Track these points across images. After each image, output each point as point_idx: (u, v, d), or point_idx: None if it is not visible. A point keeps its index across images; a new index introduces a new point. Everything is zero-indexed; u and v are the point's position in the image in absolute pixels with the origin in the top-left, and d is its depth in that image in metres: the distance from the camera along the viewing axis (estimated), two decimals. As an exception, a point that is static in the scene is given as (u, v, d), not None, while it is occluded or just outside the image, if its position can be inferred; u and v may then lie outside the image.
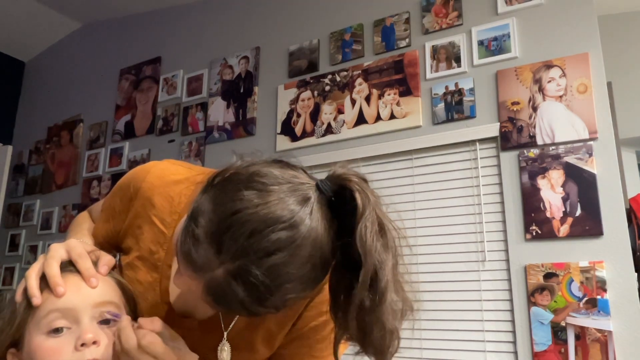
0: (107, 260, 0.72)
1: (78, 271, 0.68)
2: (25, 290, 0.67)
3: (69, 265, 0.69)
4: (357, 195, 0.58)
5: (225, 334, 0.75)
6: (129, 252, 0.81)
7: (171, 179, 0.80)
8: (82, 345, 0.62)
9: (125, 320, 0.66)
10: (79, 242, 0.73)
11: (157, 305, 0.77)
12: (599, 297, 1.67)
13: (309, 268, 0.57)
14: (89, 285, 0.67)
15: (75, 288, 0.66)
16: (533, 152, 1.88)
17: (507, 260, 1.87)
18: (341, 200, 0.59)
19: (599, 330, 1.65)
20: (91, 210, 0.96)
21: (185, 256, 0.58)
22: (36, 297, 0.65)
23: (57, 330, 0.63)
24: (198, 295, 0.59)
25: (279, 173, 0.59)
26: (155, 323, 0.67)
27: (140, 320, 0.67)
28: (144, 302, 0.76)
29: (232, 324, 0.75)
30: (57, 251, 0.70)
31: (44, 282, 0.66)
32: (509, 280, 1.85)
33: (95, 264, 0.71)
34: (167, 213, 0.78)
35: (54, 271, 0.66)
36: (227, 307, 0.58)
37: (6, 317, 0.66)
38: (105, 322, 0.66)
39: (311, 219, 0.56)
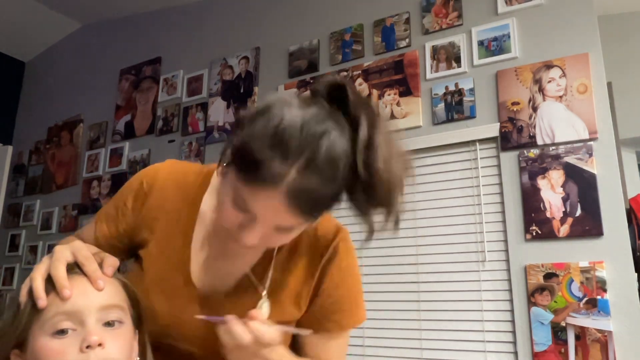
0: (111, 261, 0.72)
1: (84, 273, 0.68)
2: (30, 292, 0.66)
3: (74, 268, 0.69)
4: (350, 91, 0.69)
5: (264, 291, 0.81)
6: (146, 244, 0.84)
7: (181, 173, 0.87)
8: (88, 347, 0.62)
9: (232, 318, 0.70)
10: (83, 245, 0.73)
11: (180, 288, 0.81)
12: (599, 297, 1.67)
13: (345, 143, 0.67)
14: (95, 287, 0.67)
15: (81, 291, 0.66)
16: (533, 152, 1.88)
17: (507, 261, 1.87)
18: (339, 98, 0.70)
19: (599, 331, 1.65)
20: (79, 234, 0.94)
21: (257, 179, 0.64)
22: (42, 299, 0.64)
23: (62, 332, 0.63)
24: (276, 215, 0.66)
25: (292, 94, 0.75)
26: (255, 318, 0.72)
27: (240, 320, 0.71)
28: (167, 285, 0.80)
29: (267, 282, 0.81)
30: (63, 253, 0.70)
31: (49, 284, 0.66)
32: (509, 280, 1.85)
33: (100, 265, 0.71)
34: (182, 203, 0.84)
35: (60, 273, 0.66)
36: (311, 202, 0.65)
37: (9, 319, 0.66)
38: (109, 324, 0.66)
39: (330, 117, 0.68)
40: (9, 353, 0.66)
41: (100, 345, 0.63)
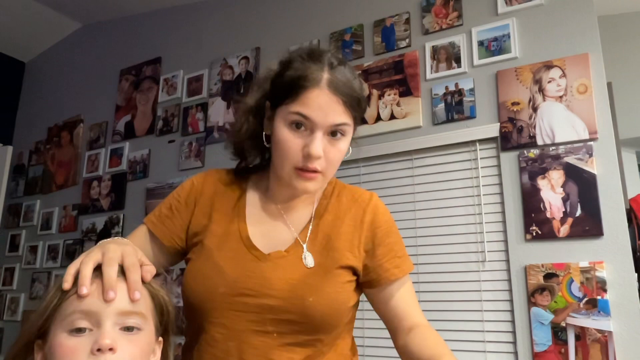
0: (151, 269, 0.73)
1: (124, 279, 0.68)
2: (76, 274, 0.67)
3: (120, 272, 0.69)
4: None
5: (304, 245, 0.92)
6: (206, 227, 0.94)
7: (222, 172, 1.02)
8: (98, 350, 0.61)
9: None
10: (133, 251, 0.74)
11: (245, 253, 0.90)
12: (599, 297, 1.67)
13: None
14: (131, 297, 0.67)
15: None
16: (533, 153, 1.88)
17: (507, 261, 1.87)
18: None
19: (599, 331, 1.65)
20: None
21: (305, 84, 0.84)
22: (86, 286, 0.65)
23: (79, 330, 0.63)
24: (328, 110, 0.84)
25: None
26: None
27: None
28: (233, 252, 0.90)
29: (308, 235, 0.93)
30: (116, 253, 0.71)
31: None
32: (509, 280, 1.85)
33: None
34: (231, 191, 0.98)
35: (112, 273, 0.67)
36: (348, 88, 0.86)
37: (41, 307, 0.66)
38: (128, 329, 0.66)
39: None
40: (34, 340, 0.66)
41: (111, 349, 0.62)
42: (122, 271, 0.69)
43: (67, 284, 0.66)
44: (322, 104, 0.83)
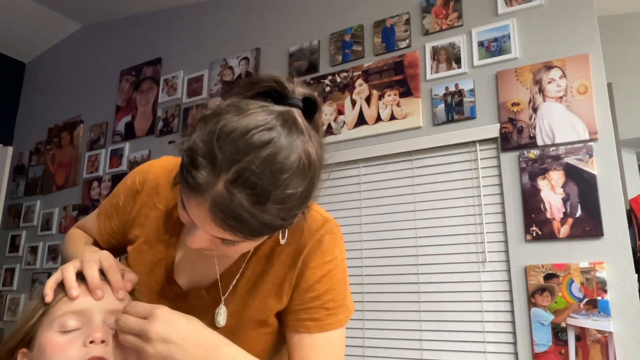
0: (131, 277, 0.74)
1: (107, 281, 0.71)
2: (55, 287, 0.69)
3: (100, 275, 0.72)
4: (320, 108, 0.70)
5: (222, 298, 0.80)
6: (135, 240, 0.86)
7: (174, 170, 0.84)
8: (91, 342, 0.63)
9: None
10: (110, 255, 0.75)
11: (163, 286, 0.82)
12: (599, 298, 1.67)
13: (298, 161, 0.62)
14: (116, 296, 0.70)
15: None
16: (533, 153, 1.88)
17: (508, 261, 1.87)
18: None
19: (600, 331, 1.65)
20: (84, 224, 0.98)
21: (187, 185, 0.62)
22: (75, 288, 0.67)
23: (68, 329, 0.65)
24: (206, 225, 0.62)
25: (252, 101, 0.66)
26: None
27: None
28: (150, 280, 0.82)
29: (232, 284, 0.80)
30: (93, 257, 0.73)
31: (60, 286, 0.69)
32: (509, 281, 1.85)
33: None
34: (173, 200, 0.84)
35: (94, 273, 0.69)
36: (236, 221, 0.60)
37: (26, 315, 0.69)
38: None
39: (285, 125, 0.63)
40: (16, 350, 0.67)
41: (103, 342, 0.64)
42: (104, 276, 0.72)
43: (48, 298, 0.68)
44: (200, 215, 0.62)
